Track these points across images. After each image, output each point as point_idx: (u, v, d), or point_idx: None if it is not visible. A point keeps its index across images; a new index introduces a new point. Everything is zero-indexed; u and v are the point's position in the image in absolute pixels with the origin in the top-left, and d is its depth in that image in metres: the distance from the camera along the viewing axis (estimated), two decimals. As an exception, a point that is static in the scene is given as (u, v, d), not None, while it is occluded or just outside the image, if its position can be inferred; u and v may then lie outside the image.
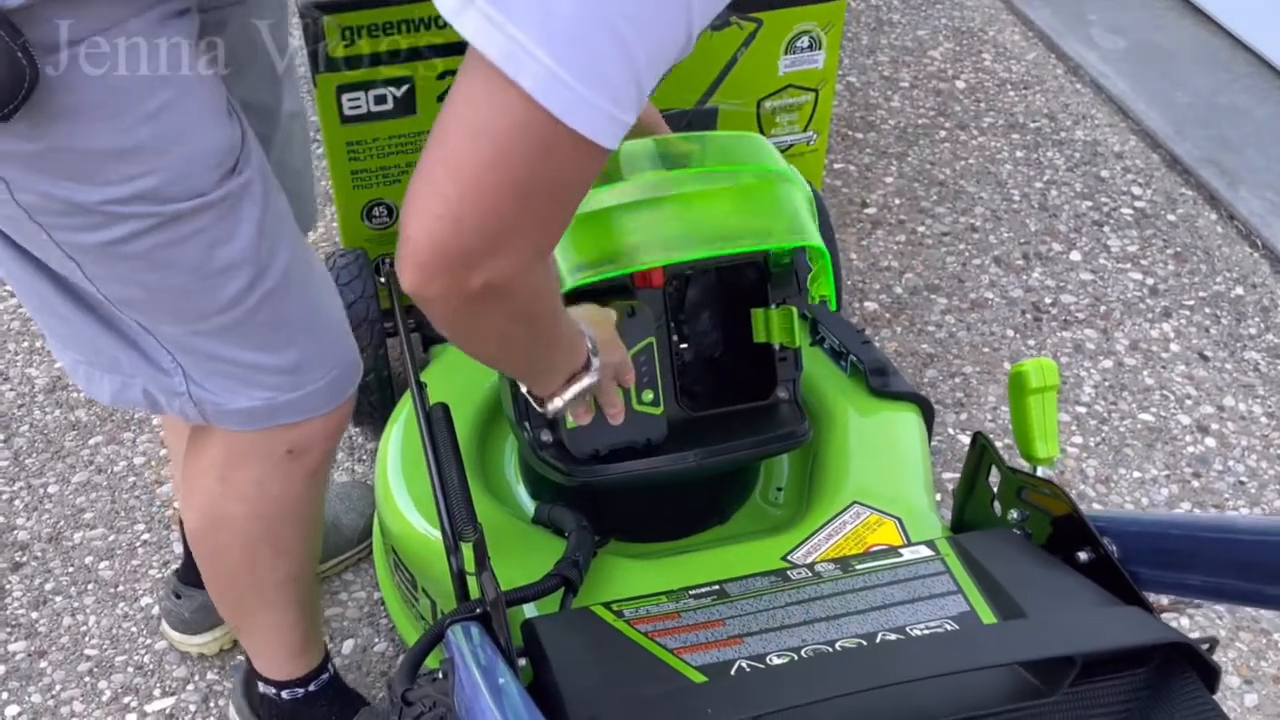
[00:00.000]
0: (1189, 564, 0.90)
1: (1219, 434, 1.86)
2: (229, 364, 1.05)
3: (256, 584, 1.27)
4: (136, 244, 0.95)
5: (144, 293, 0.99)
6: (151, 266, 0.97)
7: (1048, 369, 1.14)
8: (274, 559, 1.25)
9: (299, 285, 1.06)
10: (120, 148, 0.90)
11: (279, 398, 1.08)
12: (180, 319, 1.02)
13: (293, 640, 1.34)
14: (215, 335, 1.03)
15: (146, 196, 0.93)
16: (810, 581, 1.01)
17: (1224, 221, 2.28)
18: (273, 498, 1.18)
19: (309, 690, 1.37)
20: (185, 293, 0.99)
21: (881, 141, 2.47)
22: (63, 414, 1.90)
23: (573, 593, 1.15)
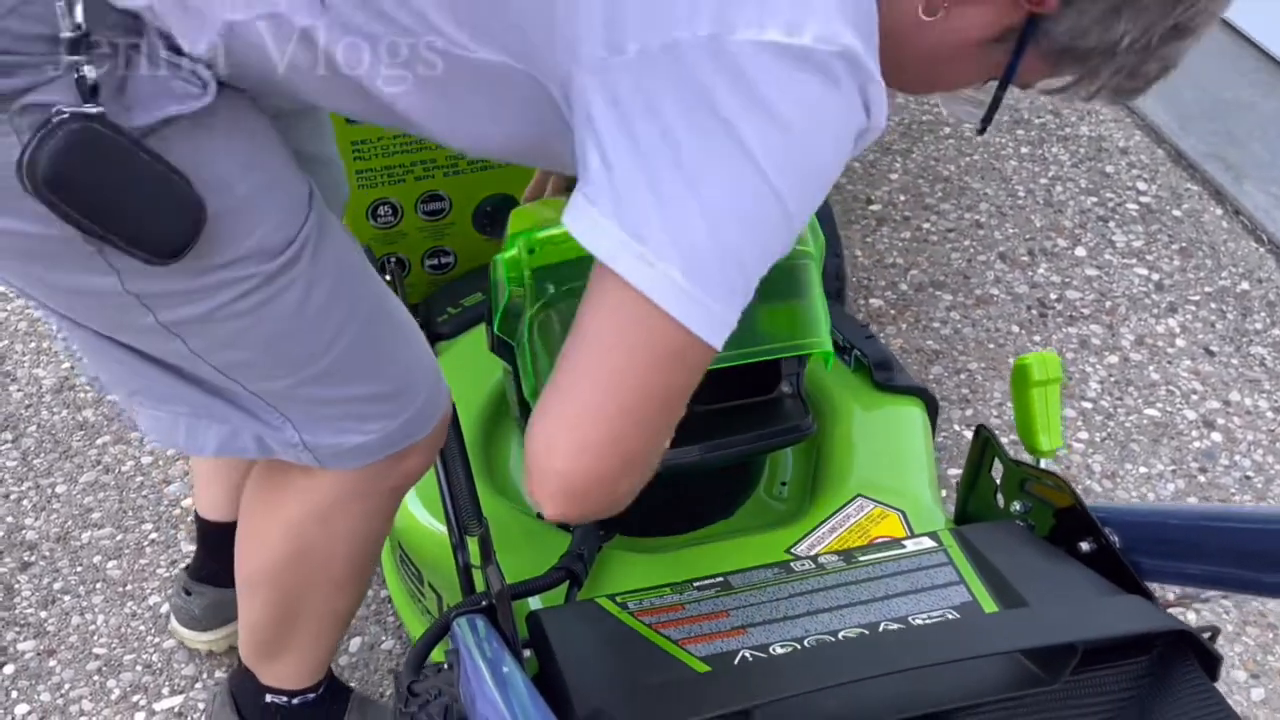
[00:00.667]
0: (1189, 553, 0.90)
1: (1225, 429, 1.86)
2: (337, 404, 1.05)
3: (314, 614, 1.24)
4: (242, 304, 0.95)
5: (251, 351, 0.99)
6: (257, 322, 0.97)
7: (1050, 362, 1.15)
8: (338, 594, 1.23)
9: (380, 306, 1.07)
10: (227, 209, 0.90)
11: (390, 425, 1.07)
12: (288, 369, 1.01)
13: (327, 656, 1.33)
14: (322, 378, 1.02)
15: (254, 254, 0.93)
16: (813, 573, 1.01)
17: (1230, 216, 2.28)
18: (376, 533, 1.18)
19: (319, 694, 1.37)
20: (290, 337, 0.99)
21: (886, 138, 2.47)
22: (70, 414, 1.91)
23: (577, 586, 1.16)
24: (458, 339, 1.66)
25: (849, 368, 1.48)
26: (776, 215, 0.78)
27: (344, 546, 1.17)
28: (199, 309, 0.94)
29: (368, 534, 1.18)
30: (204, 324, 0.95)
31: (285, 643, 1.28)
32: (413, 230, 1.78)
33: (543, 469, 0.81)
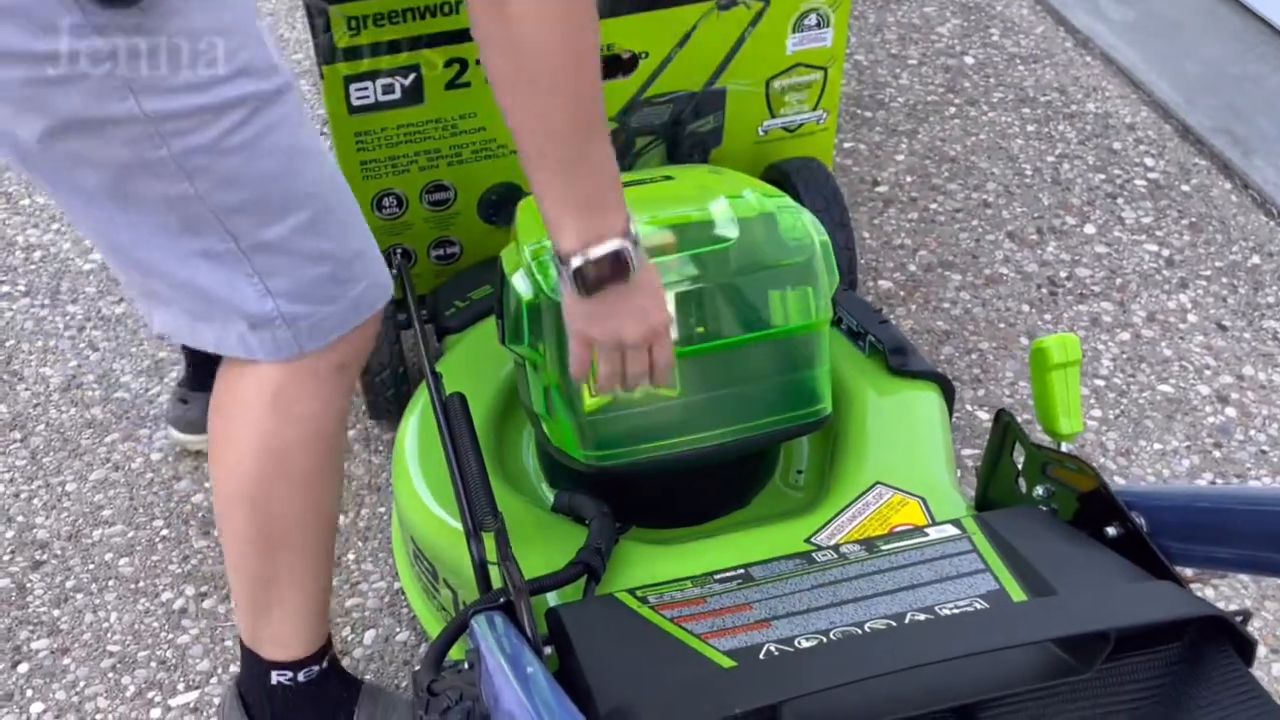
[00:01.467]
0: (1218, 537, 0.89)
1: (1239, 403, 1.85)
2: (318, 262, 1.14)
3: (297, 524, 1.26)
4: (243, 131, 1.04)
5: (248, 190, 1.07)
6: (254, 157, 1.06)
7: (1070, 344, 1.14)
8: (314, 491, 1.26)
9: (342, 179, 1.19)
10: (219, 25, 1.01)
11: (354, 291, 1.17)
12: (281, 213, 1.10)
13: (318, 602, 1.33)
14: (307, 229, 1.11)
15: (247, 71, 1.03)
16: (836, 563, 1.00)
17: (1238, 190, 2.26)
18: (332, 414, 1.23)
19: (323, 667, 1.36)
20: (281, 178, 1.09)
21: (891, 119, 2.45)
22: (78, 412, 1.90)
23: (596, 580, 1.15)
24: (466, 332, 1.64)
25: (863, 353, 1.47)
26: None
27: (306, 428, 1.21)
28: (208, 135, 1.02)
29: (323, 417, 1.22)
30: (211, 156, 1.03)
31: (274, 580, 1.29)
32: (418, 221, 1.77)
33: None
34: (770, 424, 1.26)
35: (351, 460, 1.81)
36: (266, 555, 1.28)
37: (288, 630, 1.33)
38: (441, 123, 1.67)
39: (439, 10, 1.57)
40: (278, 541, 1.26)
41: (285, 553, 1.28)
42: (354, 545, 1.69)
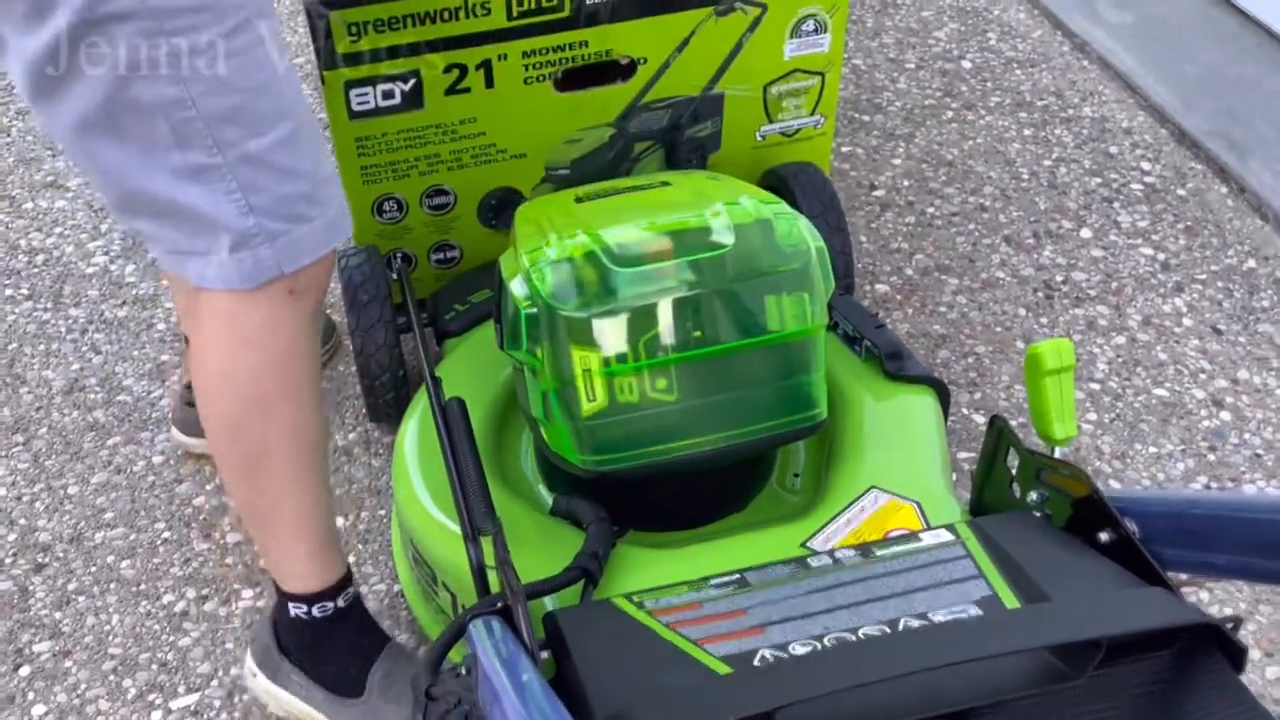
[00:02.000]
0: (1212, 544, 0.90)
1: (1234, 407, 1.86)
2: (296, 179, 1.17)
3: (280, 449, 1.28)
4: (237, 40, 1.08)
5: (238, 98, 1.11)
6: (245, 66, 1.10)
7: (1064, 349, 1.14)
8: (292, 413, 1.27)
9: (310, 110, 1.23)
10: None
11: (328, 213, 1.21)
12: (264, 124, 1.13)
13: (320, 528, 1.35)
14: (290, 142, 1.16)
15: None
16: (831, 569, 1.01)
17: (1234, 194, 2.27)
18: (283, 343, 1.25)
19: (339, 606, 1.39)
20: (268, 90, 1.13)
21: (889, 123, 2.46)
22: (81, 415, 1.91)
23: (593, 584, 1.16)
24: (466, 336, 1.66)
25: (860, 358, 1.48)
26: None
27: (259, 354, 1.24)
28: (205, 35, 1.06)
29: (287, 338, 1.25)
30: (206, 59, 1.07)
31: (264, 508, 1.33)
32: (418, 225, 1.78)
33: None
34: (767, 429, 1.27)
35: (351, 463, 1.82)
36: (251, 482, 1.31)
37: (291, 561, 1.37)
38: (441, 128, 1.68)
39: (439, 16, 1.58)
40: (258, 467, 1.29)
41: (268, 478, 1.30)
42: (354, 548, 1.70)
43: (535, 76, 1.68)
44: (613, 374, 1.21)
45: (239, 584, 1.66)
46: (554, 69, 1.68)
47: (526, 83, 1.69)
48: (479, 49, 1.63)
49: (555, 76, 1.69)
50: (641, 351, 1.21)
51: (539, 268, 1.24)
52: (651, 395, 1.22)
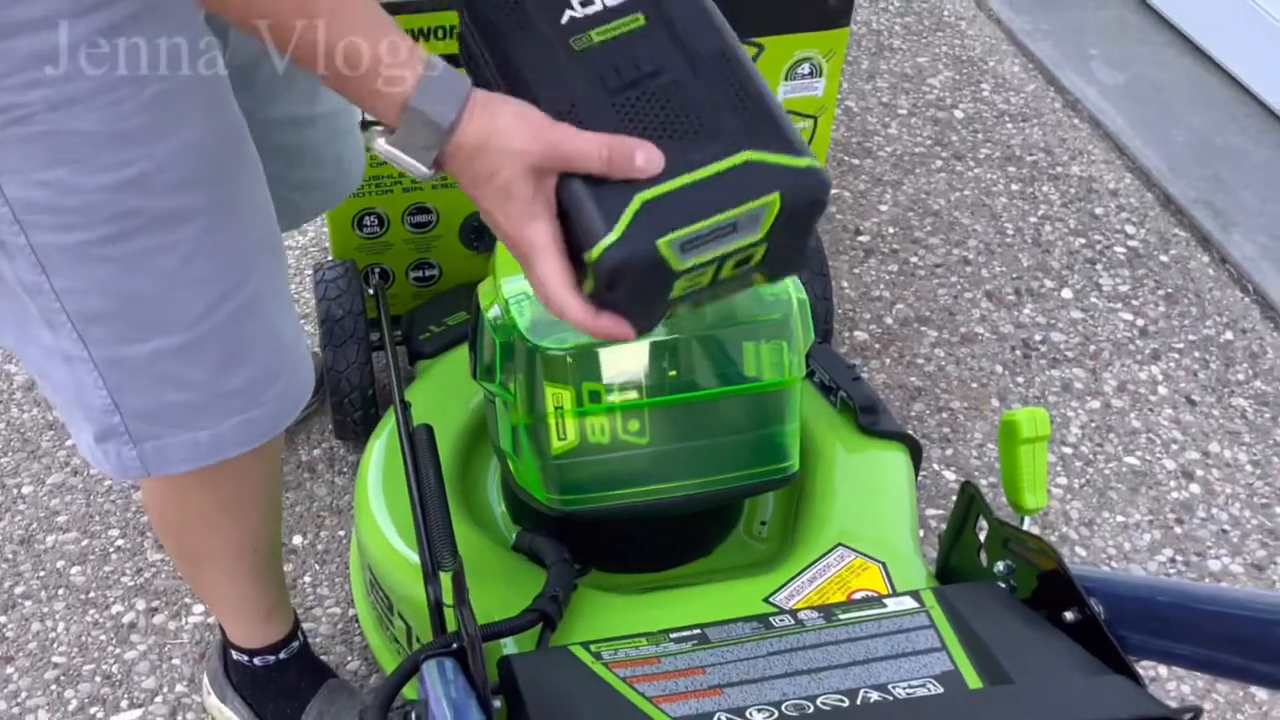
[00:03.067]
0: (1177, 633, 0.88)
1: (1204, 480, 1.86)
2: (180, 389, 1.03)
3: (217, 554, 1.27)
4: (117, 247, 0.93)
5: (114, 303, 0.97)
6: (128, 272, 0.95)
7: (1039, 419, 1.14)
8: (232, 529, 1.25)
9: (264, 305, 1.05)
10: (116, 131, 0.89)
11: (222, 425, 1.06)
12: (144, 332, 0.99)
13: (259, 609, 1.36)
14: (175, 354, 1.01)
15: (137, 184, 0.91)
16: (793, 630, 1.00)
17: (1216, 264, 2.28)
18: (224, 469, 1.15)
19: (279, 658, 1.40)
20: (155, 301, 0.98)
21: (878, 168, 2.46)
22: (40, 413, 1.88)
23: (551, 629, 1.14)
24: (439, 359, 1.63)
25: (834, 408, 1.47)
26: None
27: (186, 512, 1.21)
28: (72, 237, 0.92)
29: (211, 505, 1.20)
30: (70, 257, 0.93)
31: (205, 588, 1.34)
32: (399, 241, 1.76)
33: None
34: (737, 478, 1.25)
35: (315, 480, 1.79)
36: (191, 569, 1.32)
37: (233, 623, 1.39)
38: (428, 148, 1.67)
39: (431, 34, 1.57)
40: (196, 564, 1.30)
41: (205, 574, 1.31)
42: (310, 568, 1.67)
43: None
44: (585, 413, 1.20)
45: (190, 598, 1.63)
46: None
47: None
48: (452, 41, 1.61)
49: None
50: (615, 393, 1.20)
51: (517, 300, 1.22)
52: (623, 437, 1.21)
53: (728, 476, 1.25)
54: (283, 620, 1.40)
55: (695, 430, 1.23)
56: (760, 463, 1.26)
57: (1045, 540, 1.02)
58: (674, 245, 0.83)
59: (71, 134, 0.89)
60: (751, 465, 1.26)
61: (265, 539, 1.31)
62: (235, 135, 1.00)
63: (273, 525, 1.32)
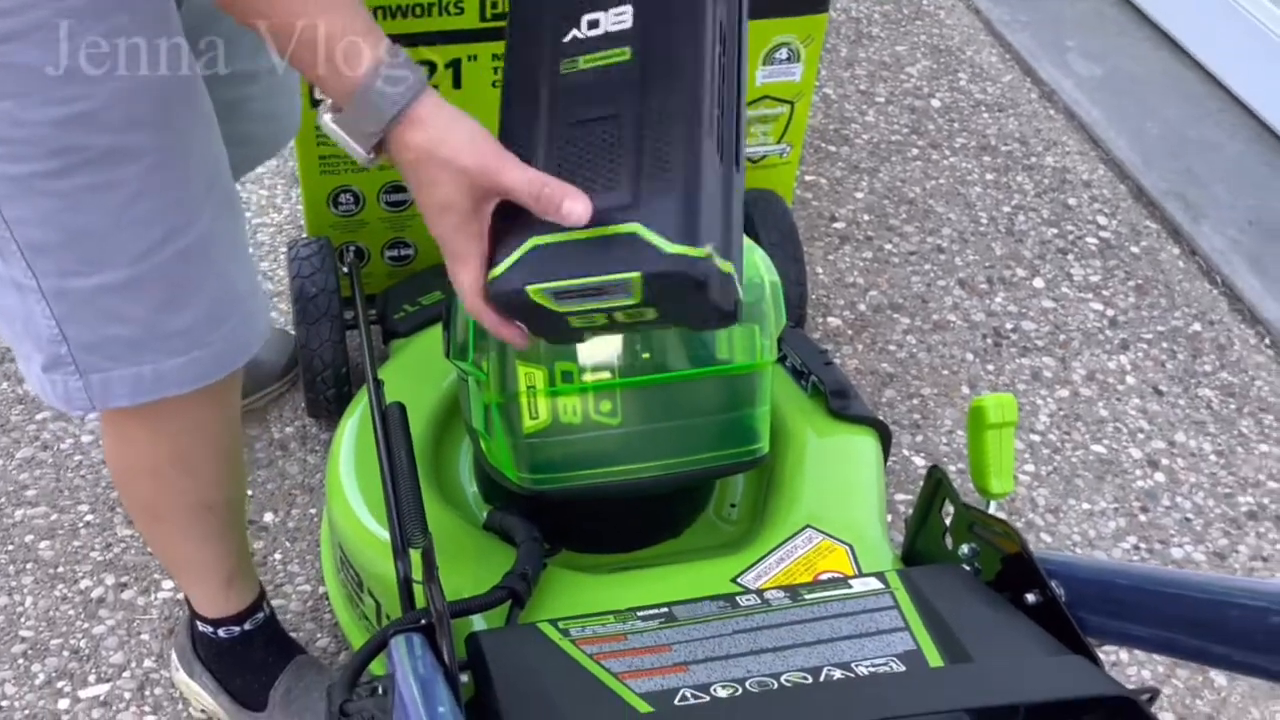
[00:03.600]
0: (1136, 615, 0.90)
1: (1169, 469, 1.88)
2: (123, 324, 1.05)
3: (171, 510, 1.28)
4: (63, 181, 0.95)
5: (60, 235, 0.99)
6: (72, 206, 0.97)
7: (1007, 405, 1.15)
8: (184, 481, 1.25)
9: (214, 251, 1.07)
10: (66, 67, 0.91)
11: (164, 363, 1.08)
12: (88, 266, 1.01)
13: (219, 573, 1.36)
14: (118, 289, 1.03)
15: (81, 120, 0.93)
16: (759, 610, 1.01)
17: (1186, 256, 2.30)
18: (173, 428, 1.19)
19: (244, 629, 1.40)
20: (100, 237, 1.00)
21: (854, 156, 2.47)
22: (10, 387, 1.87)
23: (520, 606, 1.14)
24: (413, 338, 1.64)
25: (805, 393, 1.48)
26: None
27: (148, 429, 1.18)
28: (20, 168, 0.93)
29: (158, 453, 1.20)
30: (18, 188, 0.95)
31: (165, 549, 1.34)
32: (374, 220, 1.76)
33: None
34: (707, 460, 1.26)
35: (287, 458, 1.79)
36: (146, 528, 1.32)
37: (196, 590, 1.39)
38: (404, 126, 1.66)
39: (410, 11, 1.57)
40: (152, 519, 1.29)
41: (161, 530, 1.30)
42: (281, 545, 1.67)
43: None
44: (557, 393, 1.20)
45: (159, 574, 1.62)
46: (523, 77, 1.67)
47: (495, 85, 1.67)
48: (449, 47, 1.62)
49: (524, 84, 1.67)
50: (588, 373, 1.20)
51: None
52: (594, 418, 1.21)
53: (698, 458, 1.26)
54: (245, 589, 1.40)
55: (666, 411, 1.24)
56: (730, 444, 1.27)
57: (1009, 524, 1.04)
58: (546, 293, 0.88)
59: (18, 67, 0.90)
60: (722, 447, 1.27)
61: (221, 499, 1.30)
62: (186, 80, 1.01)
63: (229, 486, 1.31)
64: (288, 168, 2.26)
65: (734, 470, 1.29)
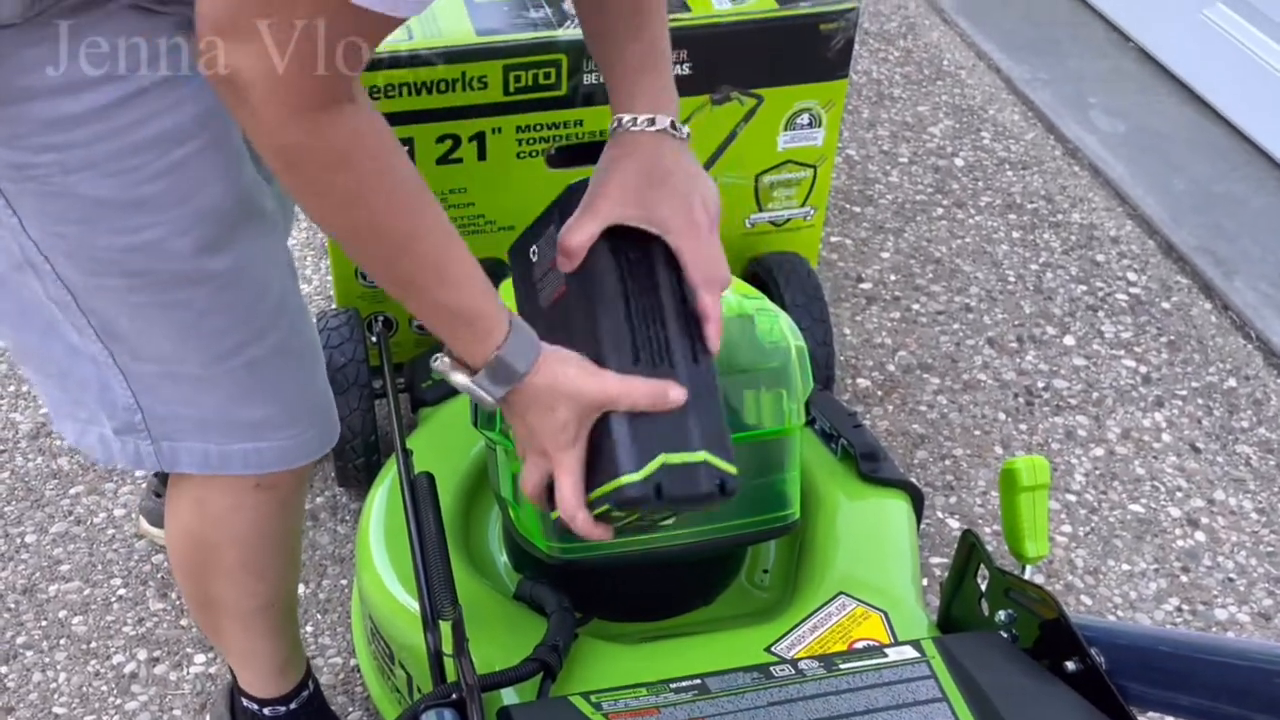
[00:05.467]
0: (1178, 683, 0.88)
1: (1209, 528, 1.85)
2: (195, 408, 1.08)
3: (234, 609, 1.29)
4: (132, 296, 0.99)
5: (133, 333, 1.02)
6: (144, 318, 1.01)
7: (1039, 467, 1.14)
8: (253, 584, 1.27)
9: (284, 357, 1.10)
10: (131, 198, 0.94)
11: (230, 446, 1.11)
12: (160, 365, 1.05)
13: (272, 663, 1.36)
14: (188, 381, 1.06)
15: (149, 248, 0.96)
16: (793, 680, 0.99)
17: (1218, 311, 2.28)
18: (247, 524, 1.21)
19: (290, 709, 1.40)
20: (171, 343, 1.03)
21: (879, 216, 2.47)
22: (45, 461, 1.88)
23: (551, 679, 1.13)
24: (440, 406, 1.64)
25: (835, 456, 1.46)
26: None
27: (223, 532, 1.21)
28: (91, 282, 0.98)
29: (250, 522, 1.21)
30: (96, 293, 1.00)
31: (222, 639, 1.35)
32: (401, 291, 1.77)
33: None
34: (739, 526, 1.25)
35: (317, 528, 1.79)
36: (206, 618, 1.32)
37: (246, 673, 1.39)
38: (431, 197, 1.68)
39: (435, 87, 1.59)
40: (215, 612, 1.30)
41: (216, 620, 1.31)
42: (313, 617, 1.66)
43: (528, 151, 1.69)
44: (585, 462, 1.20)
45: (192, 648, 1.62)
46: (547, 145, 1.69)
47: (519, 157, 1.69)
48: (473, 121, 1.64)
49: (548, 153, 1.69)
50: (616, 441, 1.20)
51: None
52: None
53: (729, 525, 1.25)
54: (295, 671, 1.40)
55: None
56: (761, 510, 1.26)
57: (1046, 589, 1.02)
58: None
59: (83, 198, 0.93)
60: (752, 513, 1.26)
61: (279, 597, 1.32)
62: (249, 195, 1.03)
63: (288, 584, 1.33)
64: (317, 239, 2.29)
65: (765, 537, 1.28)
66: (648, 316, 1.01)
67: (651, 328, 1.01)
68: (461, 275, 0.92)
